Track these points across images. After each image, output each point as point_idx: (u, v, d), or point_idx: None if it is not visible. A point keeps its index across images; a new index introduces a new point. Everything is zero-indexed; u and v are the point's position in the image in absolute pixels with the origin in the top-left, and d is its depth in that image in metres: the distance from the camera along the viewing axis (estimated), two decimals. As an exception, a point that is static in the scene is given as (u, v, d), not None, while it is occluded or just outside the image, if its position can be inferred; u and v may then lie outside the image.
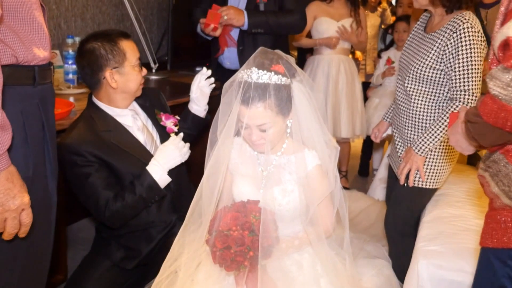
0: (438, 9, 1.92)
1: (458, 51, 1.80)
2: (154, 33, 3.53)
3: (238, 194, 1.61)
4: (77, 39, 2.70)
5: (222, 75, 2.46)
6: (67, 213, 2.22)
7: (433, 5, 1.92)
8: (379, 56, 3.90)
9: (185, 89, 2.72)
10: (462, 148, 1.16)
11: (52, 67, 1.29)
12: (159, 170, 1.80)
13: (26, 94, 1.18)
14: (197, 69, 3.64)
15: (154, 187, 1.80)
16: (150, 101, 2.02)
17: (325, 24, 3.45)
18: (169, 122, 1.98)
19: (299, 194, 1.55)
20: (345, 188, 1.89)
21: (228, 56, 2.70)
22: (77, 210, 2.79)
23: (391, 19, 4.57)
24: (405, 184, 2.01)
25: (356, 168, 4.22)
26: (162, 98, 2.12)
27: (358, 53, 4.17)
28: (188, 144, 1.90)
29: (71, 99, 2.28)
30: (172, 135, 1.92)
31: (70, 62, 2.62)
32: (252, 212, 1.46)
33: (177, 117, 2.04)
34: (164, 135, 1.96)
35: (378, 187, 3.34)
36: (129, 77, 1.81)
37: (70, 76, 2.64)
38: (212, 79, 2.10)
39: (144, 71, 1.89)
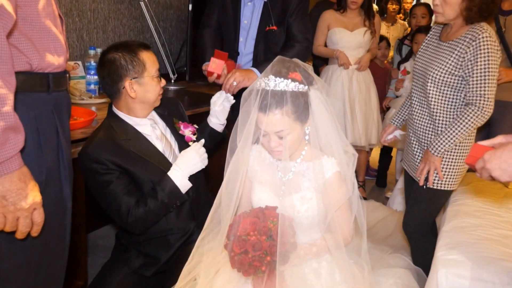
0: (459, 20, 1.99)
1: (476, 58, 1.88)
2: (173, 44, 3.59)
3: (257, 201, 1.62)
4: (99, 50, 2.76)
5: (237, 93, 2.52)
6: (88, 220, 2.26)
7: (463, 18, 1.97)
8: (398, 68, 3.90)
9: (203, 99, 2.77)
10: (505, 172, 1.11)
11: (67, 75, 1.31)
12: (180, 175, 1.82)
13: (40, 101, 1.20)
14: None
15: (176, 192, 1.82)
16: (168, 110, 2.05)
17: (338, 34, 3.45)
18: (188, 131, 2.00)
19: (317, 201, 1.56)
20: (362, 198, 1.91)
21: None
22: (97, 218, 2.84)
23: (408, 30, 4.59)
24: (425, 186, 2.08)
25: (374, 178, 4.20)
26: (180, 107, 2.14)
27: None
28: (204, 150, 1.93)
29: (93, 108, 2.33)
30: (191, 142, 1.95)
31: (92, 73, 2.67)
32: (269, 217, 1.46)
33: (196, 126, 2.07)
34: (182, 144, 1.98)
35: (398, 197, 3.33)
36: (148, 87, 1.83)
37: (92, 86, 2.69)
38: (232, 97, 2.13)
39: (163, 82, 1.91)
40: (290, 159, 1.60)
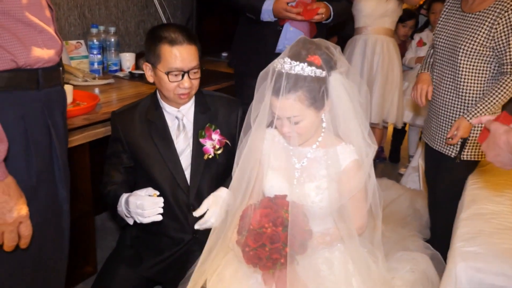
0: None
1: (510, 29, 1.90)
2: (178, 18, 3.46)
3: (269, 189, 1.56)
4: (102, 28, 2.66)
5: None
6: (96, 203, 2.22)
7: None
8: (411, 38, 3.76)
9: (210, 76, 2.69)
10: (504, 163, 1.10)
11: (61, 68, 1.21)
12: (120, 205, 1.67)
13: (29, 99, 1.11)
14: (223, 54, 3.58)
15: (118, 215, 1.70)
16: (215, 111, 1.84)
17: (363, 0, 3.34)
18: (210, 143, 1.79)
19: (333, 191, 1.50)
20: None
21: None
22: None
23: None
24: (458, 160, 2.11)
25: (387, 154, 4.12)
26: (234, 115, 1.87)
27: None
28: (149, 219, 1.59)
29: (96, 90, 2.25)
30: (154, 196, 1.61)
31: (95, 52, 2.59)
32: (283, 206, 1.41)
33: (228, 142, 1.82)
34: (199, 150, 1.80)
35: (411, 175, 3.25)
36: (161, 81, 1.70)
37: (96, 66, 2.60)
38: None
39: (186, 82, 1.68)
40: (306, 145, 1.54)
